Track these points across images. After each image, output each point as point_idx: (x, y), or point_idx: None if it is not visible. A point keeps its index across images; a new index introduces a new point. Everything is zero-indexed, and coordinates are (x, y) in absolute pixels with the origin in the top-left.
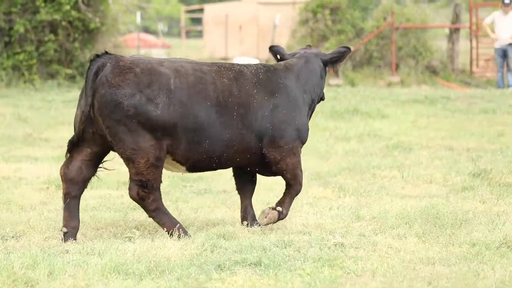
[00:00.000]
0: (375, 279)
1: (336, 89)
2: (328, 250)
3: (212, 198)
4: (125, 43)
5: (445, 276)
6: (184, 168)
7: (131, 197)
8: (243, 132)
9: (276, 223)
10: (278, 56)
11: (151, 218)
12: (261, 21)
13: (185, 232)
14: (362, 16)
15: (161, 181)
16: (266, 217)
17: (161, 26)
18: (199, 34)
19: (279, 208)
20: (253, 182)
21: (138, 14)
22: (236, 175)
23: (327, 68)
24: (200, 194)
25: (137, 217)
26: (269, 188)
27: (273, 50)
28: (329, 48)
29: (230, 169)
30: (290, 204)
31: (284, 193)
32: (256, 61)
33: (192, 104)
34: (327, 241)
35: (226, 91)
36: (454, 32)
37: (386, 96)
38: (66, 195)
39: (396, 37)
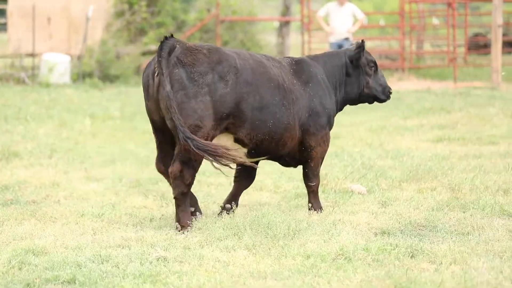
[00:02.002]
0: None
1: None
2: (150, 265)
3: (20, 209)
4: None
5: None
6: (244, 151)
7: (172, 172)
8: (296, 117)
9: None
10: None
11: (174, 200)
12: (72, 13)
13: (187, 228)
14: (184, 7)
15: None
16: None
17: None
18: (3, 27)
19: (314, 212)
20: (252, 179)
21: None
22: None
23: (362, 64)
24: (6, 205)
25: None
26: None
27: None
28: (147, 43)
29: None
30: (318, 199)
31: (308, 195)
32: (67, 59)
33: (257, 83)
34: (149, 255)
35: (280, 76)
36: (284, 25)
37: None
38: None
39: (221, 30)
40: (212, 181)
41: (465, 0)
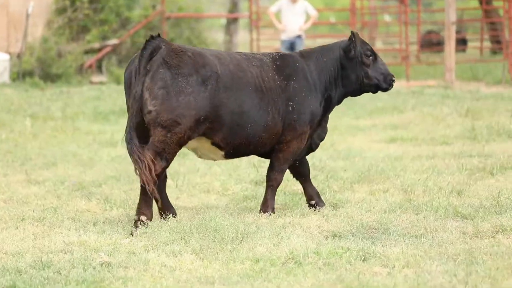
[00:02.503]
0: None
1: (99, 88)
2: (93, 270)
3: None
4: None
5: None
6: (222, 153)
7: (144, 155)
8: (276, 116)
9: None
10: None
11: (140, 187)
12: (11, 10)
13: (142, 224)
14: (128, 4)
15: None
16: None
17: None
18: None
19: (264, 214)
20: (306, 163)
21: None
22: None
23: (356, 56)
24: None
25: None
26: None
27: None
28: (90, 40)
29: None
30: (274, 197)
31: (265, 190)
32: (7, 57)
33: (236, 88)
34: (92, 260)
35: (259, 77)
36: (231, 22)
37: None
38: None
39: (167, 27)
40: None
41: None
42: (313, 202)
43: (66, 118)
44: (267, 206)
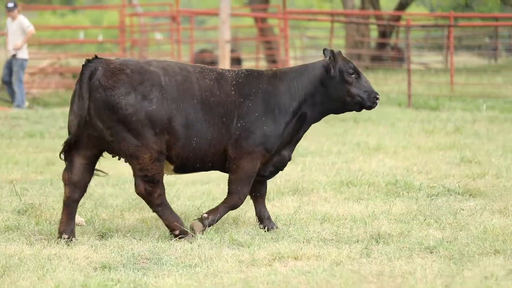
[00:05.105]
0: None
1: None
2: None
3: None
4: None
5: None
6: (171, 167)
7: (138, 193)
8: (223, 131)
9: None
10: None
11: (154, 213)
12: None
13: (185, 232)
14: None
15: (163, 175)
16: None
17: None
18: None
19: (204, 215)
20: (264, 184)
21: None
22: None
23: (336, 75)
24: None
25: None
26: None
27: None
28: None
29: None
30: (221, 214)
31: (221, 202)
32: None
33: (182, 100)
34: None
35: (208, 90)
36: None
37: None
38: (68, 199)
39: None
40: None
41: (190, 14)
42: None
43: None
44: (203, 219)
